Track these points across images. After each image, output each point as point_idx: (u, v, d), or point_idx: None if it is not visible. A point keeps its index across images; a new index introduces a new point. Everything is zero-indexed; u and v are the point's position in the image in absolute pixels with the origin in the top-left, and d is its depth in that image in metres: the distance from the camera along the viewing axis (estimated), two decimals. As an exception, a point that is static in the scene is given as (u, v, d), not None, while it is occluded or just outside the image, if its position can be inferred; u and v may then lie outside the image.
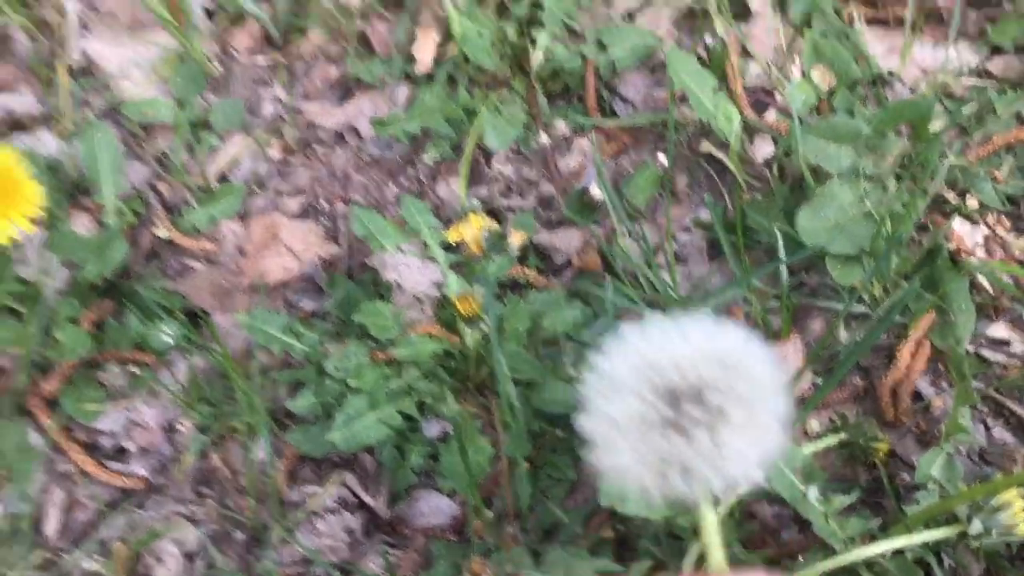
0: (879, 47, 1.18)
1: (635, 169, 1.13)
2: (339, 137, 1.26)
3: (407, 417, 0.97)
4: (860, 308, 0.99)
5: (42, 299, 1.07)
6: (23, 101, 1.30)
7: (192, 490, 1.01)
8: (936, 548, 0.80)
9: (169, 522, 0.99)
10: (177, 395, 1.03)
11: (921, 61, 1.18)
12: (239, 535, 0.98)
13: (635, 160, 1.16)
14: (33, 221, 0.98)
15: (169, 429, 1.05)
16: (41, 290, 1.08)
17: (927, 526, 0.79)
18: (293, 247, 1.17)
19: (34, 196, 1.00)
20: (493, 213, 1.15)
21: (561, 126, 1.21)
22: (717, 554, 0.42)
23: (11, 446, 1.04)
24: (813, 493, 0.80)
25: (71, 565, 0.97)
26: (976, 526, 0.78)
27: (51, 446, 1.03)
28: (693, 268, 1.07)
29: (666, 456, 0.40)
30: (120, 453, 1.04)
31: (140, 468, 1.02)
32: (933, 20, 1.21)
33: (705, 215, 1.10)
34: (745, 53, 1.19)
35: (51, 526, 1.00)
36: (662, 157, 1.11)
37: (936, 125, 1.06)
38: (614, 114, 1.20)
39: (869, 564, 0.78)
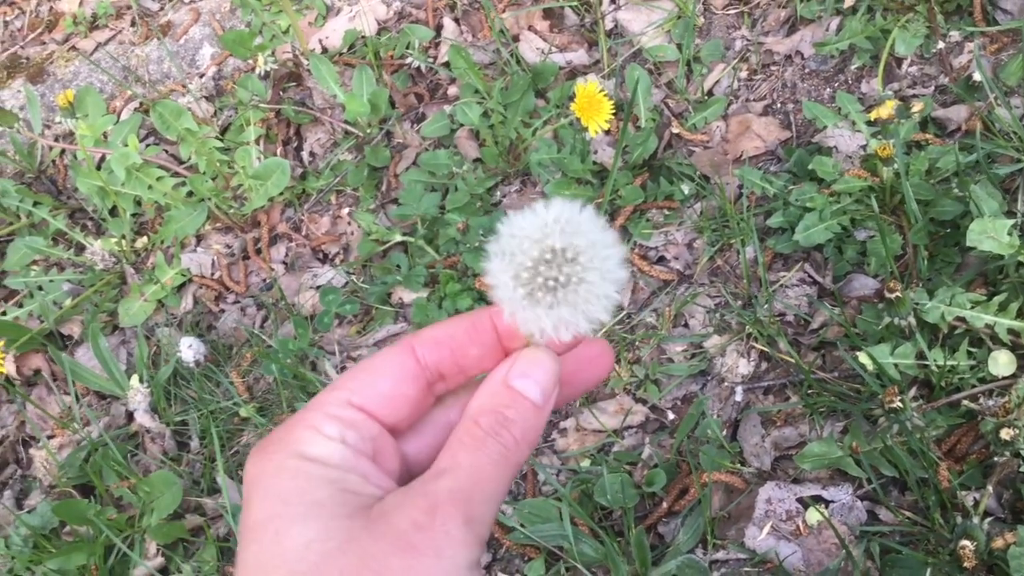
0: None
1: (1008, 59, 1.58)
2: (788, 59, 1.85)
3: (843, 227, 1.54)
4: None
5: (610, 173, 1.79)
6: (578, 55, 2.05)
7: (707, 278, 1.67)
8: None
9: (694, 296, 1.66)
10: (695, 223, 1.70)
11: None
12: (737, 302, 1.63)
13: (1011, 54, 1.61)
14: (606, 125, 1.70)
15: (689, 245, 1.72)
16: (610, 167, 1.80)
17: None
18: (760, 134, 1.78)
19: (607, 110, 1.71)
20: (902, 99, 1.67)
21: (954, 35, 1.68)
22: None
23: (597, 258, 1.78)
24: None
25: (638, 320, 1.68)
26: None
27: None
28: (1054, 124, 1.51)
29: (543, 299, 0.50)
30: (662, 260, 1.73)
31: (675, 267, 1.71)
32: None
33: (1067, 87, 1.52)
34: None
35: (625, 300, 1.72)
36: (1030, 48, 1.55)
37: None
38: (996, 22, 1.65)
39: None
